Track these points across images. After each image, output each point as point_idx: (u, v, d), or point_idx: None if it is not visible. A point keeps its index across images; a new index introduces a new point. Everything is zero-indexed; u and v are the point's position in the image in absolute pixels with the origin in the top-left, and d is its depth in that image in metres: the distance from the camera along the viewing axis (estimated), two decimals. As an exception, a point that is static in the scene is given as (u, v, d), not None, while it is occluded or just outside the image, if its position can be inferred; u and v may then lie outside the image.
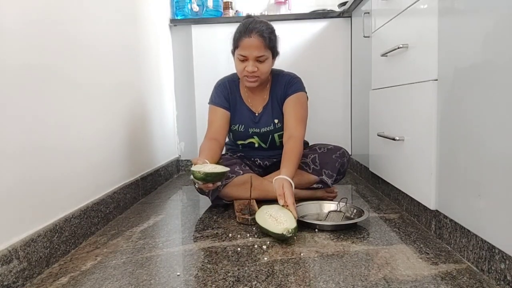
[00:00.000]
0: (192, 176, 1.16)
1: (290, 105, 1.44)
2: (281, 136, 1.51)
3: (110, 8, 1.35)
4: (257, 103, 1.51)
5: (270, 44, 1.36)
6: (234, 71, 1.99)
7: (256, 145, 1.54)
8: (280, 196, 1.13)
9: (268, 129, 1.50)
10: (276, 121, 1.50)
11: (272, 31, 1.37)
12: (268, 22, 1.39)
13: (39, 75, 0.91)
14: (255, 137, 1.53)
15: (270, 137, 1.52)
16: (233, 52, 1.44)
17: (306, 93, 1.49)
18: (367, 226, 1.14)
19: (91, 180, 1.17)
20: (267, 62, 1.38)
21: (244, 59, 1.36)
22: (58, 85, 0.99)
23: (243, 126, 1.51)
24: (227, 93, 1.50)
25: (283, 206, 1.12)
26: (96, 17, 1.23)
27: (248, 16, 1.48)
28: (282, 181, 1.16)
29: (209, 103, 1.53)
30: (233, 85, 1.52)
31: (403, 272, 0.82)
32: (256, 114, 1.50)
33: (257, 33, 1.32)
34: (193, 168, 1.16)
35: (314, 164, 1.42)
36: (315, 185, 1.45)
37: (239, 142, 1.56)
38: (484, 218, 0.79)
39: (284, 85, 1.47)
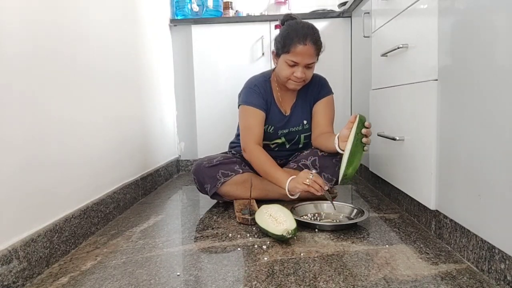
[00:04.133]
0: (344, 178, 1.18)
1: (322, 107, 1.50)
2: (306, 138, 1.54)
3: (110, 8, 1.35)
4: (286, 104, 1.52)
5: (319, 51, 1.38)
6: (235, 71, 1.99)
7: (280, 143, 1.54)
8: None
9: (296, 129, 1.52)
10: (305, 122, 1.52)
11: (320, 37, 1.37)
12: (313, 24, 1.38)
13: (40, 74, 0.91)
14: (282, 137, 1.53)
15: (296, 137, 1.54)
16: (277, 54, 1.41)
17: (333, 94, 1.55)
18: (367, 226, 1.14)
19: (91, 180, 1.17)
20: (313, 68, 1.41)
21: (294, 65, 1.35)
22: (57, 84, 0.99)
23: (272, 127, 1.50)
24: (264, 93, 1.47)
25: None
26: (96, 17, 1.23)
27: (290, 17, 1.45)
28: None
29: (243, 104, 1.46)
30: (267, 86, 1.49)
31: (403, 272, 0.82)
32: (285, 115, 1.51)
33: (311, 40, 1.31)
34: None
35: (314, 167, 1.42)
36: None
37: (264, 142, 1.53)
38: (484, 218, 0.79)
39: (317, 87, 1.52)
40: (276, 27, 1.45)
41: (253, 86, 1.47)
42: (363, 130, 1.14)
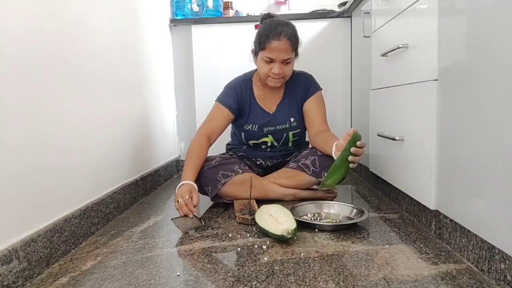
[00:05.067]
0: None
1: (313, 105, 1.51)
2: (295, 135, 1.55)
3: (109, 8, 1.35)
4: (271, 102, 1.53)
5: (296, 46, 1.39)
6: (235, 71, 1.99)
7: (269, 143, 1.55)
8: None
9: (283, 126, 1.53)
10: (292, 119, 1.53)
11: (296, 33, 1.39)
12: (291, 22, 1.41)
13: (40, 74, 0.91)
14: (269, 135, 1.54)
15: (284, 135, 1.54)
16: (255, 52, 1.44)
17: (321, 89, 1.56)
18: (367, 226, 1.14)
19: (91, 180, 1.17)
20: (292, 63, 1.42)
21: (270, 61, 1.37)
22: (58, 84, 0.99)
23: (256, 126, 1.51)
24: (238, 94, 1.50)
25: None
26: (95, 16, 1.23)
27: (269, 15, 1.48)
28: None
29: (216, 101, 1.52)
30: (246, 85, 1.52)
31: (403, 272, 0.82)
32: (270, 113, 1.52)
33: (286, 36, 1.34)
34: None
35: (313, 166, 1.42)
36: (315, 187, 1.45)
37: (252, 142, 1.56)
38: (484, 218, 0.79)
39: (304, 86, 1.53)
40: (256, 27, 1.49)
41: (230, 87, 1.52)
42: (352, 149, 1.15)
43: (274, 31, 1.34)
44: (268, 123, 1.52)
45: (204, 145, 1.42)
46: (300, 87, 1.53)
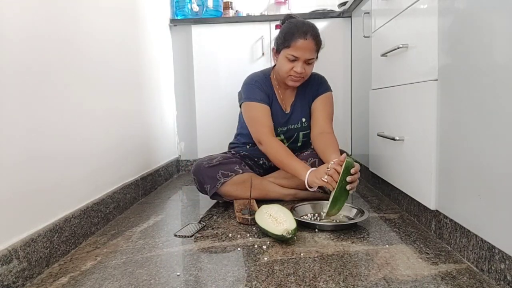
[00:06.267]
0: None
1: (320, 104, 1.51)
2: (304, 136, 1.55)
3: (110, 8, 1.35)
4: (286, 102, 1.53)
5: (319, 48, 1.40)
6: (235, 71, 2.00)
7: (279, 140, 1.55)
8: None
9: (295, 126, 1.53)
10: (303, 120, 1.53)
11: (319, 35, 1.39)
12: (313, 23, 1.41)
13: (39, 72, 0.91)
14: (281, 135, 1.54)
15: (295, 135, 1.54)
16: (277, 50, 1.43)
17: (332, 91, 1.55)
18: (367, 226, 1.14)
19: (91, 180, 1.17)
20: (313, 65, 1.42)
21: (294, 59, 1.36)
22: (58, 85, 0.99)
23: (273, 124, 1.50)
24: (266, 89, 1.48)
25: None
26: (96, 16, 1.23)
27: (291, 16, 1.47)
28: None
29: (246, 101, 1.47)
30: (268, 81, 1.51)
31: (403, 272, 0.82)
32: (286, 113, 1.52)
33: (312, 35, 1.34)
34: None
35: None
36: (316, 193, 1.45)
37: None
38: (484, 218, 0.79)
39: (315, 85, 1.52)
40: (276, 27, 1.48)
41: (254, 82, 1.49)
42: (348, 178, 1.14)
43: (301, 30, 1.34)
44: (285, 123, 1.52)
45: (280, 142, 1.40)
46: (312, 87, 1.52)
